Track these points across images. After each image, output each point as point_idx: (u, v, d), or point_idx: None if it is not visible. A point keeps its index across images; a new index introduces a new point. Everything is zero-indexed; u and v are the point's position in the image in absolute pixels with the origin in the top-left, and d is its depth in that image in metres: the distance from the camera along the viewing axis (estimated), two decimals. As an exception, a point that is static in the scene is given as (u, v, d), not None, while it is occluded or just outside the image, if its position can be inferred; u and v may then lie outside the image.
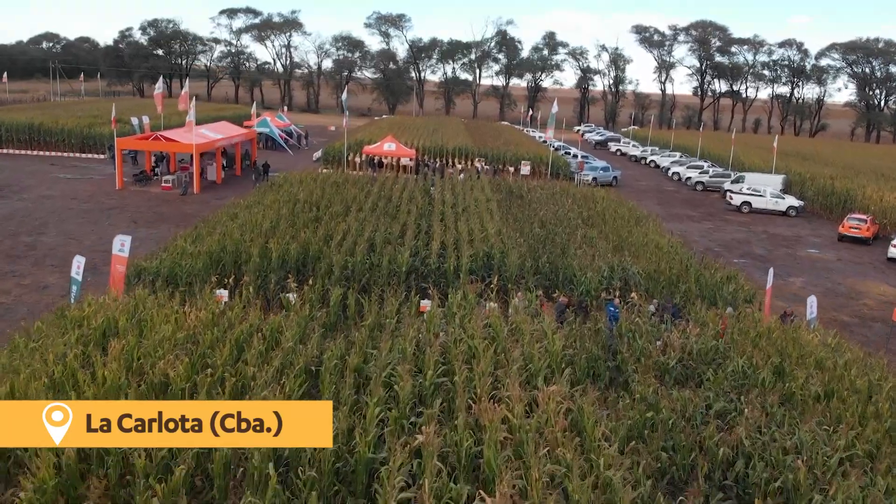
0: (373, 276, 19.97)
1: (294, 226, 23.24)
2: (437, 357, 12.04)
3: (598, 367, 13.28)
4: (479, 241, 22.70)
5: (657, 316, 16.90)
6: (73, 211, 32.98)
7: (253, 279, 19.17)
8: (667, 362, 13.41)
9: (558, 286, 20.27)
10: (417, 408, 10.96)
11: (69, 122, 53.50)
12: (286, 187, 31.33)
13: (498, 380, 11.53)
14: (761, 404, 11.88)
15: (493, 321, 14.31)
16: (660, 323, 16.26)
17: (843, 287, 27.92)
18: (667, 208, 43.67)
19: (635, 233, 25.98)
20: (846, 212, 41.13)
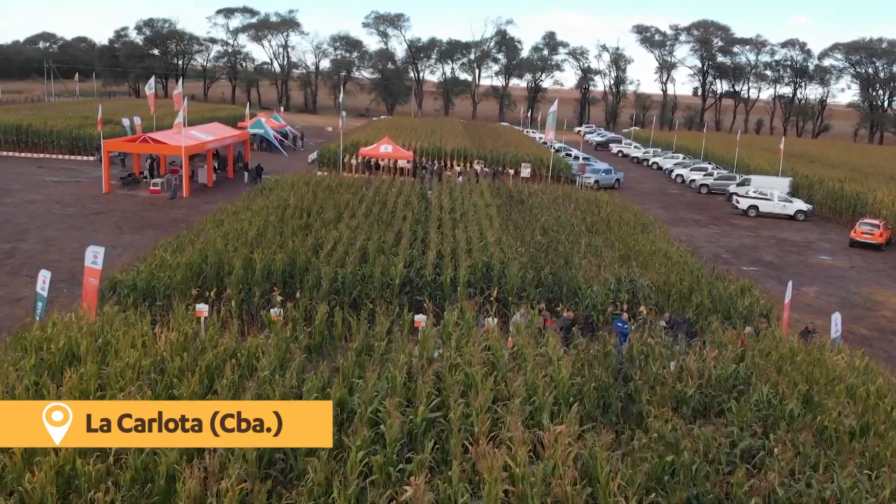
0: (364, 288, 18.73)
1: (282, 234, 21.97)
2: (429, 389, 10.77)
3: (608, 396, 12.02)
4: (477, 251, 21.44)
5: (670, 334, 15.64)
6: (55, 216, 31.72)
7: (235, 293, 17.94)
8: (684, 391, 12.15)
9: (562, 300, 19.03)
10: (407, 449, 9.71)
11: (58, 122, 52.20)
12: (277, 191, 30.07)
13: (498, 416, 10.28)
14: (792, 442, 10.62)
15: (492, 343, 13.04)
16: (673, 342, 15.03)
17: (858, 297, 26.67)
18: (671, 212, 42.43)
19: (642, 241, 24.71)
20: (856, 216, 39.89)
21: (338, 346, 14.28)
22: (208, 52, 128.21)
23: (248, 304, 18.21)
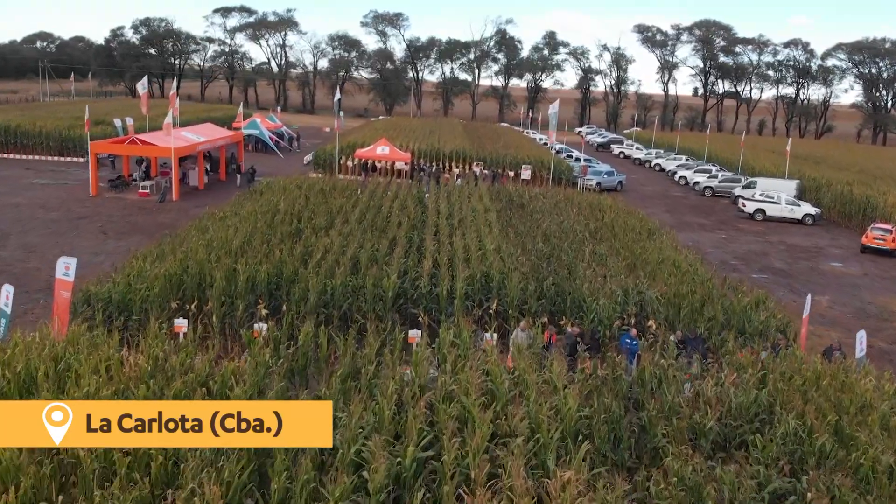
0: (355, 301, 17.58)
1: (269, 242, 20.81)
2: (420, 425, 9.62)
3: (619, 429, 10.87)
4: (476, 260, 20.28)
5: (684, 354, 14.49)
6: (38, 220, 30.55)
7: (217, 306, 16.78)
8: (703, 422, 11.01)
9: (566, 313, 17.88)
10: (393, 499, 8.56)
11: (48, 123, 50.97)
12: (268, 195, 28.92)
13: (497, 458, 9.12)
14: (825, 484, 9.49)
15: (491, 368, 11.89)
16: (687, 363, 13.89)
17: (873, 307, 25.53)
18: (676, 216, 41.28)
19: (649, 248, 23.57)
20: (865, 220, 38.78)
21: (323, 368, 13.11)
22: (205, 51, 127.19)
23: (231, 318, 17.06)
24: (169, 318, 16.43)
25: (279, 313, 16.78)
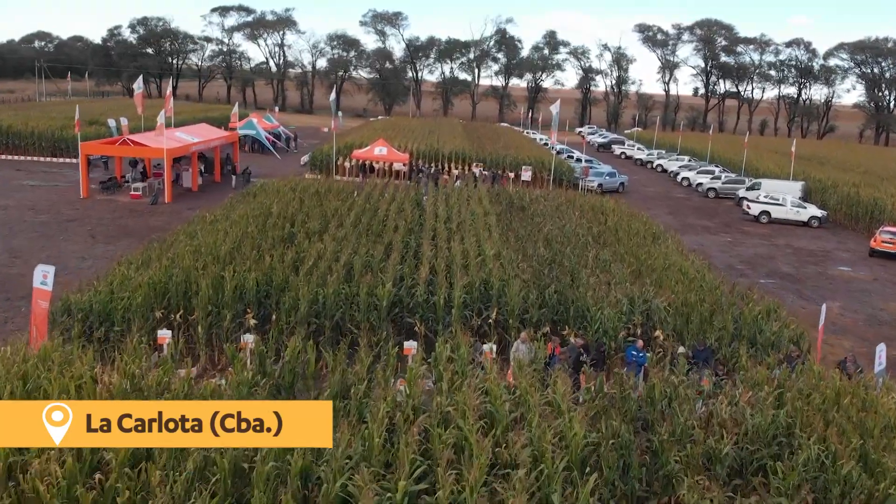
0: (348, 310, 16.78)
1: (260, 248, 20.00)
2: (413, 454, 8.82)
3: (628, 455, 10.08)
4: (474, 266, 19.48)
5: (695, 369, 13.70)
6: (26, 224, 29.76)
7: (203, 316, 16.00)
8: (718, 447, 10.22)
9: (568, 322, 17.08)
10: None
11: (40, 123, 50.14)
12: (261, 197, 28.12)
13: (497, 493, 8.33)
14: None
15: (491, 388, 11.09)
16: (698, 379, 13.11)
17: (885, 313, 24.74)
18: (679, 218, 40.48)
19: (654, 253, 22.75)
20: (873, 223, 38.01)
21: (311, 385, 12.32)
22: (203, 51, 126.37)
23: (218, 328, 16.27)
24: (152, 329, 15.70)
25: (268, 323, 16.01)
